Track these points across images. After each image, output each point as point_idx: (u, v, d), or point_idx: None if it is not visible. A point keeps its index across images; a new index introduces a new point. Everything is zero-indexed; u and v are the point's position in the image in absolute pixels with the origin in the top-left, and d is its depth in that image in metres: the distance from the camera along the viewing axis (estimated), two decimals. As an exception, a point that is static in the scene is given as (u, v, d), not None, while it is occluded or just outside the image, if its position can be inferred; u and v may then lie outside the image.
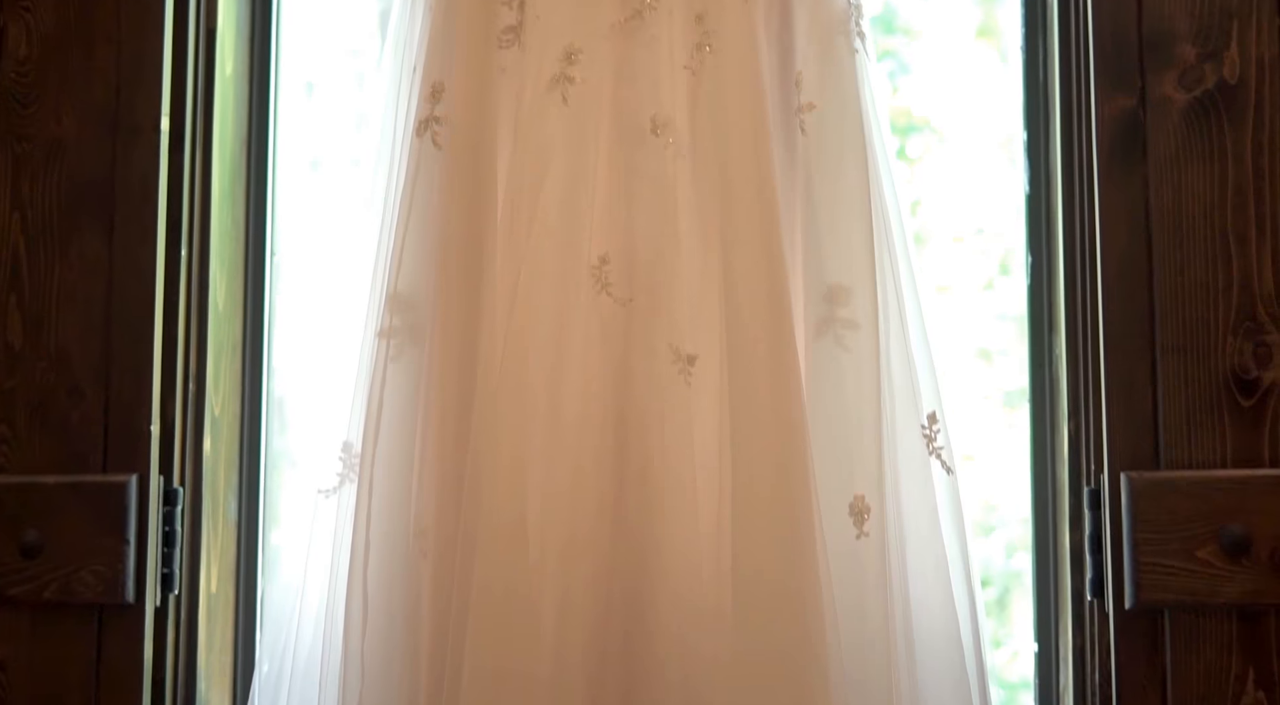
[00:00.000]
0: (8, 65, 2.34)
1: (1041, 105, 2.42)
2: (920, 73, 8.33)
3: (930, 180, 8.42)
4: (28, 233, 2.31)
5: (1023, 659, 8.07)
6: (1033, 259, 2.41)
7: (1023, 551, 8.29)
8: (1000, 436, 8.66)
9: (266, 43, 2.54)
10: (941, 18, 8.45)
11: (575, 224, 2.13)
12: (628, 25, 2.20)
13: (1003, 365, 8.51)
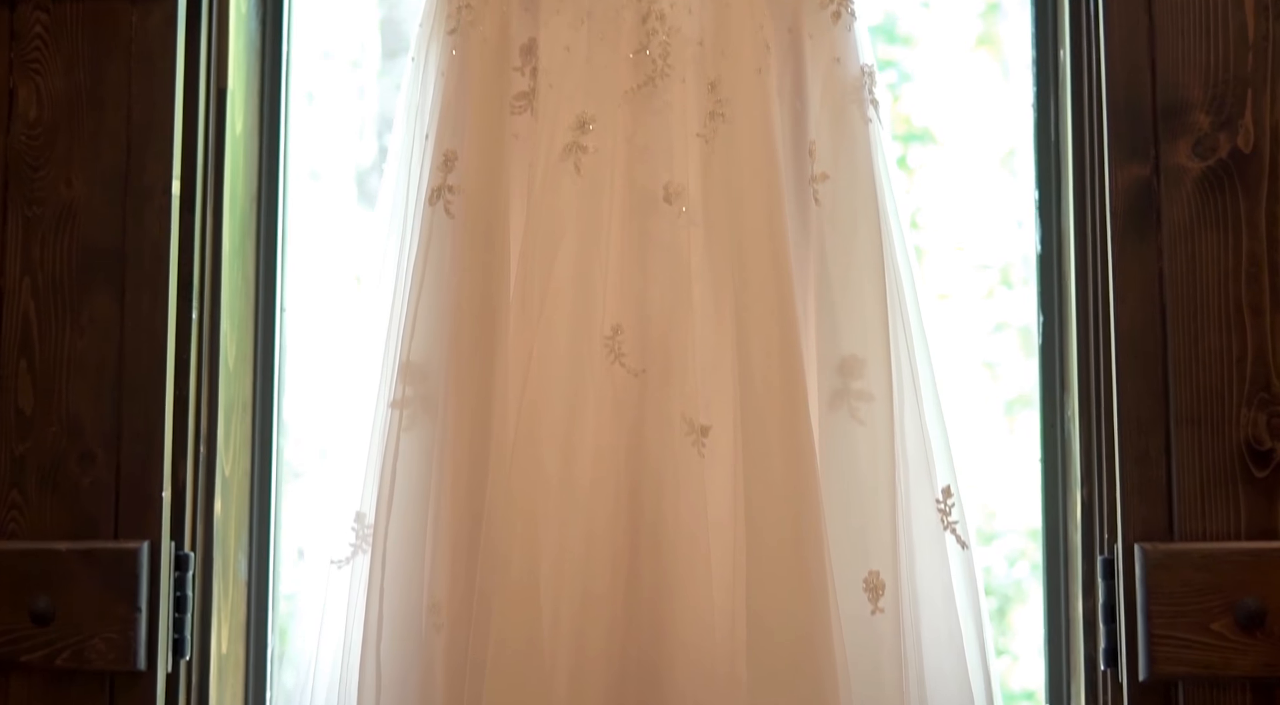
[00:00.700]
0: (18, 128, 2.33)
1: (1053, 165, 2.41)
2: (921, 81, 8.30)
3: (930, 190, 8.40)
4: (38, 297, 2.30)
5: (1023, 664, 8.06)
6: (1044, 318, 2.41)
7: (1023, 561, 8.27)
8: (1000, 442, 8.63)
9: (276, 101, 2.53)
10: (942, 27, 8.43)
11: (588, 294, 2.13)
12: (640, 92, 2.20)
13: (1003, 373, 8.50)
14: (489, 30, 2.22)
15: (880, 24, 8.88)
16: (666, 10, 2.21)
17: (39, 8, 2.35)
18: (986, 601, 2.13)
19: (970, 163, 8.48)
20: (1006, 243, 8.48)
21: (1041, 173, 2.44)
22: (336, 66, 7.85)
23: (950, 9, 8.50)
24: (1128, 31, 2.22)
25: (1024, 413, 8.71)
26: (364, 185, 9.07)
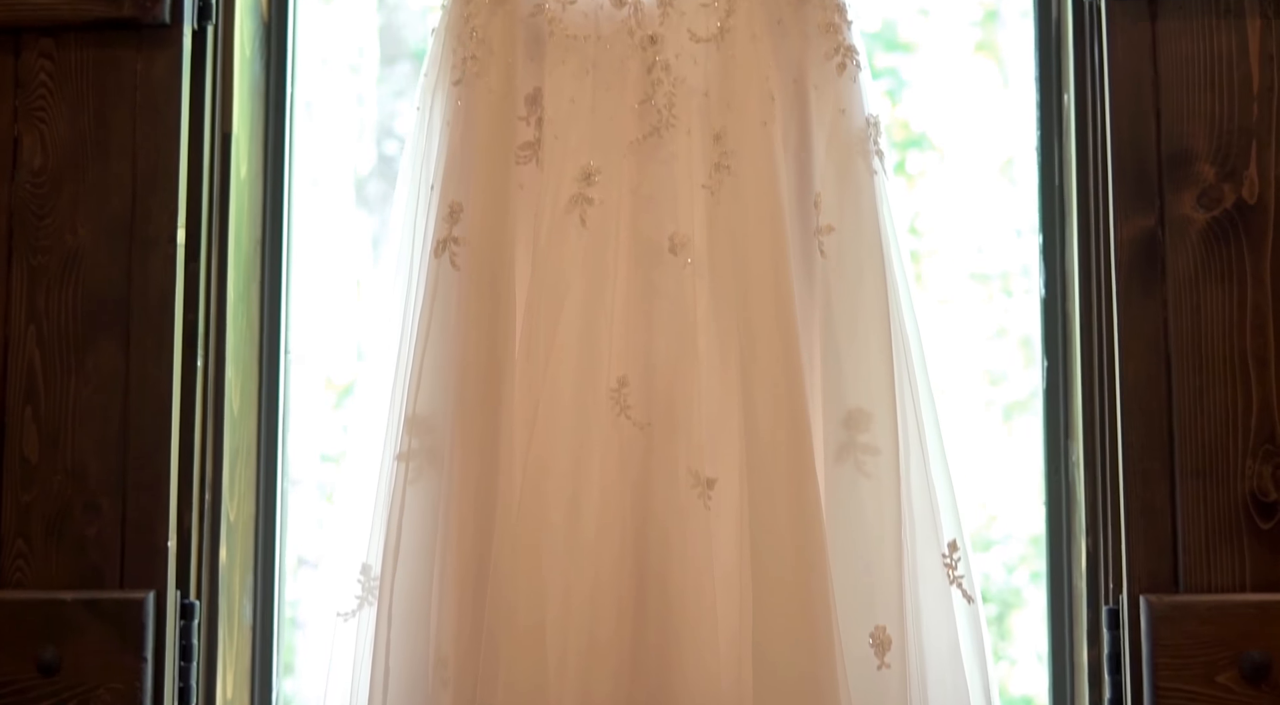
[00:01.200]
0: (23, 176, 2.33)
1: (1057, 208, 2.41)
2: (919, 87, 8.29)
3: (929, 196, 8.41)
4: (44, 345, 2.30)
5: (1021, 669, 8.07)
6: (1048, 363, 2.41)
7: (1021, 568, 8.28)
8: (999, 447, 8.64)
9: (280, 142, 2.53)
10: (940, 34, 8.42)
11: (594, 347, 2.13)
12: (646, 143, 2.20)
13: (1002, 379, 8.51)
14: (494, 81, 2.22)
15: (879, 31, 8.85)
16: (671, 61, 2.22)
17: (43, 55, 2.35)
18: (992, 662, 2.14)
19: (969, 169, 8.48)
20: (1007, 250, 8.47)
21: (1045, 216, 2.44)
22: (335, 72, 7.82)
23: (949, 16, 8.50)
24: (1132, 81, 2.22)
25: (1022, 418, 8.68)
26: (362, 191, 9.04)
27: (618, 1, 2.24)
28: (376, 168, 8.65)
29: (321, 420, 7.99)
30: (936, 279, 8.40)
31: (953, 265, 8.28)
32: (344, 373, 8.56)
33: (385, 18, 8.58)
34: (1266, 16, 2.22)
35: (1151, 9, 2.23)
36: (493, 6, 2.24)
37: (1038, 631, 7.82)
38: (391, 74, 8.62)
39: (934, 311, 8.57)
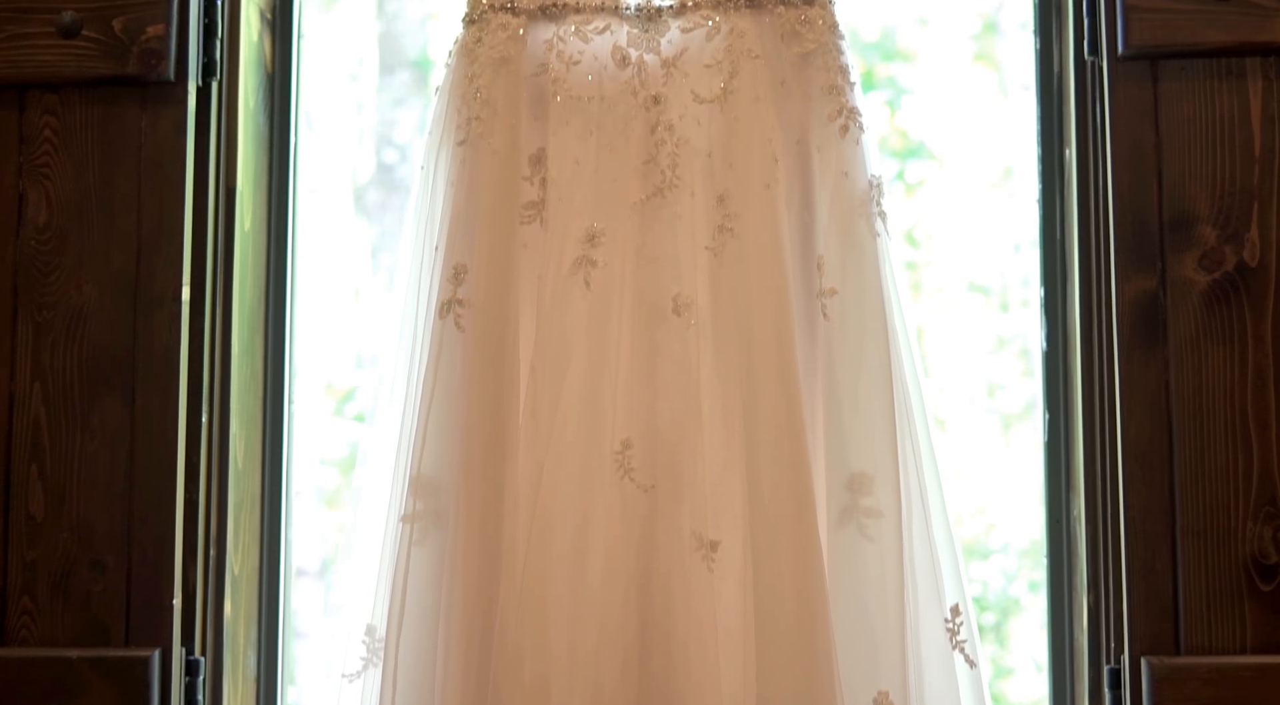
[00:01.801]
0: (28, 233, 2.33)
1: (1059, 262, 2.42)
2: (918, 96, 8.28)
3: (927, 205, 8.39)
4: (49, 402, 2.31)
5: (1019, 677, 8.07)
6: (1049, 416, 2.42)
7: (1020, 580, 8.28)
8: (997, 456, 8.63)
9: (284, 194, 2.54)
10: (939, 42, 8.42)
11: (598, 409, 2.14)
12: (649, 203, 2.21)
13: (1000, 390, 8.50)
14: (498, 142, 2.23)
15: (878, 40, 8.86)
16: (675, 121, 2.22)
17: (48, 111, 2.35)
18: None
19: (968, 178, 8.47)
20: (1005, 261, 8.46)
21: (1046, 269, 2.45)
22: (334, 81, 7.82)
23: (947, 26, 8.50)
24: (1134, 143, 2.23)
25: (1019, 426, 8.68)
26: (361, 199, 9.04)
27: (621, 62, 2.25)
28: (376, 176, 8.66)
29: (321, 426, 7.99)
30: (934, 288, 8.41)
31: (951, 275, 8.28)
32: (344, 378, 8.57)
33: (385, 26, 8.57)
34: (1268, 78, 2.22)
35: (1153, 71, 2.24)
36: (496, 67, 2.25)
37: (1034, 638, 7.84)
38: (391, 82, 8.62)
39: (932, 320, 8.59)
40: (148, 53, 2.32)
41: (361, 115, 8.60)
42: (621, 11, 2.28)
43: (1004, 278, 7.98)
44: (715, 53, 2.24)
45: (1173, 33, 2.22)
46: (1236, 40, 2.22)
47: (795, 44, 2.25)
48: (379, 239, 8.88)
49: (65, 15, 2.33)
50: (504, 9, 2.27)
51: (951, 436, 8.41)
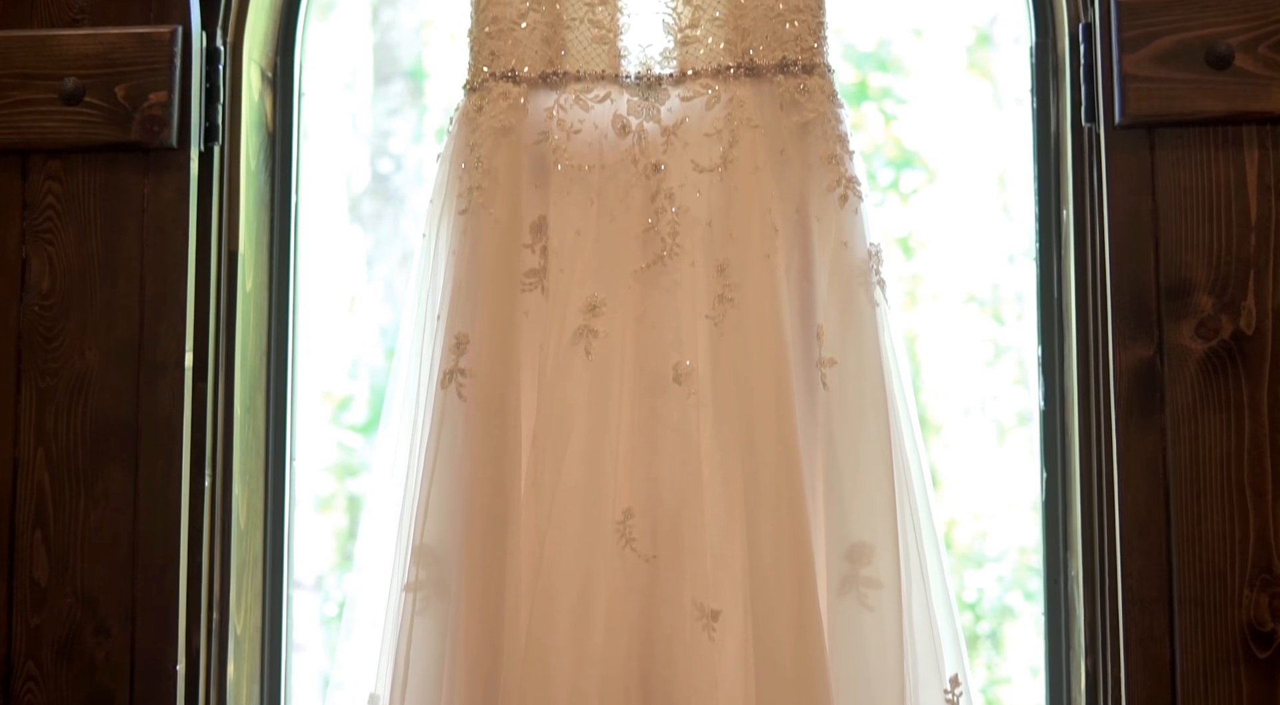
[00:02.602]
0: (31, 298, 2.35)
1: (1056, 321, 2.43)
2: (913, 105, 8.27)
3: (922, 214, 8.36)
4: (53, 468, 2.32)
5: (1015, 686, 8.07)
6: (1047, 475, 2.43)
7: (1016, 589, 8.29)
8: (992, 465, 8.63)
9: (285, 253, 2.55)
10: (934, 53, 8.38)
11: (599, 479, 2.16)
12: (649, 271, 2.23)
13: (994, 397, 8.47)
14: (499, 211, 2.24)
15: (873, 51, 8.83)
16: (675, 190, 2.24)
17: (51, 177, 2.36)
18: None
19: (961, 186, 8.45)
20: (999, 271, 8.45)
21: (1044, 327, 2.46)
22: (328, 90, 7.80)
23: (942, 36, 8.48)
24: (1132, 211, 2.25)
25: (1015, 434, 8.67)
26: (356, 208, 8.99)
27: (621, 130, 2.26)
28: (371, 186, 8.66)
29: (318, 432, 8.01)
30: (929, 297, 8.43)
31: (945, 284, 8.30)
32: (339, 386, 8.58)
33: (379, 36, 8.58)
34: (1264, 147, 2.24)
35: (1150, 139, 2.25)
36: (498, 136, 2.26)
37: (1029, 646, 7.84)
38: (385, 92, 8.63)
39: (927, 329, 8.60)
40: (150, 120, 2.33)
41: (356, 124, 8.60)
42: (622, 80, 2.29)
43: (998, 290, 8.01)
44: (715, 121, 2.26)
45: (1170, 102, 2.24)
46: (1232, 110, 2.23)
47: (794, 113, 2.26)
48: (374, 248, 8.88)
49: (68, 82, 2.34)
50: (505, 77, 2.29)
51: (946, 443, 8.44)
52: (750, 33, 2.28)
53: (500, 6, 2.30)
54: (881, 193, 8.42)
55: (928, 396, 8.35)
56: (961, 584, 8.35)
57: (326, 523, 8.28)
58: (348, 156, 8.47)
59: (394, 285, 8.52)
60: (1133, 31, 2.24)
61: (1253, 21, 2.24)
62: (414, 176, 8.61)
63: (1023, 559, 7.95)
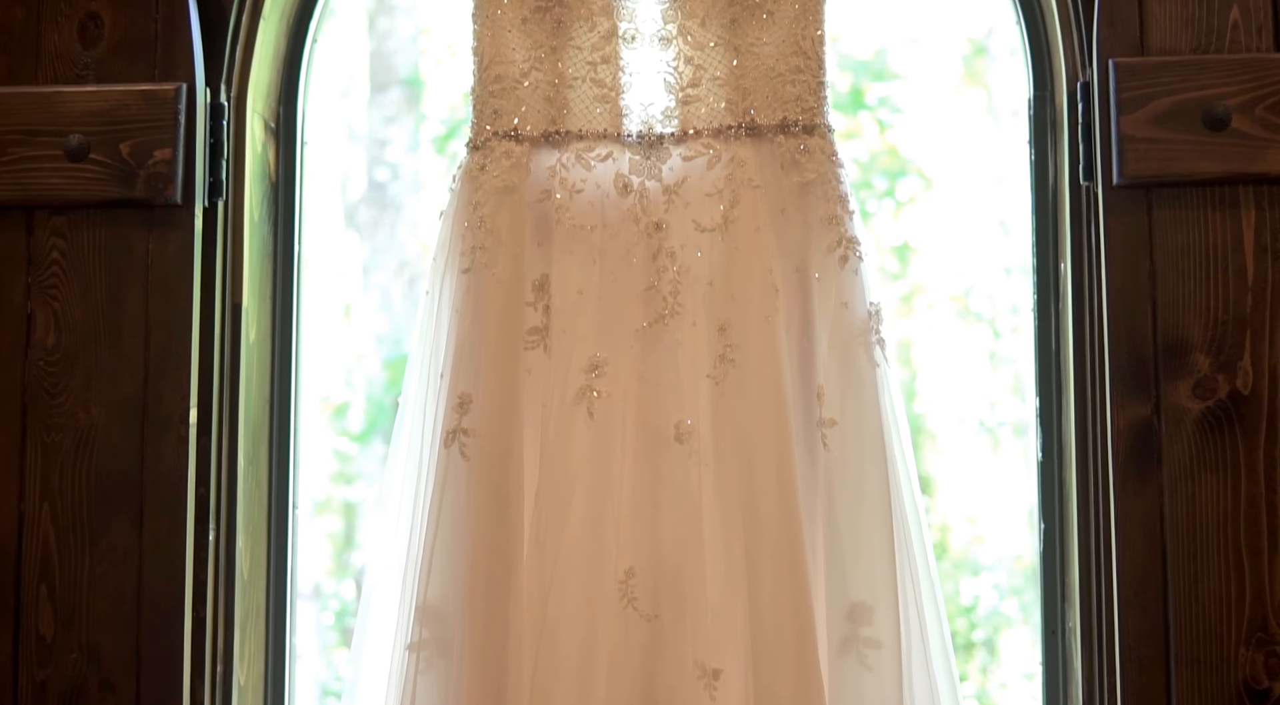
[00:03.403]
0: (36, 354, 2.36)
1: (1054, 376, 2.45)
2: (909, 114, 8.26)
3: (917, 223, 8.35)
4: (58, 524, 2.33)
5: (1011, 691, 8.10)
6: (1045, 526, 2.45)
7: (1011, 597, 8.33)
8: (987, 469, 8.65)
9: (289, 303, 2.56)
10: (930, 62, 8.39)
11: (601, 538, 2.18)
12: (651, 330, 2.24)
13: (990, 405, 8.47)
14: (502, 271, 2.26)
15: (869, 60, 8.82)
16: (677, 249, 2.25)
17: (55, 233, 2.37)
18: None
19: (957, 197, 8.45)
20: (995, 282, 8.44)
21: (1042, 380, 2.47)
22: (325, 98, 7.81)
23: (938, 46, 8.47)
24: (1129, 271, 2.26)
25: (1008, 444, 8.67)
26: (353, 216, 8.97)
27: (623, 189, 2.28)
28: (367, 194, 8.66)
29: (316, 439, 8.03)
30: (924, 306, 8.45)
31: (940, 292, 8.32)
32: (337, 393, 8.58)
33: (376, 44, 8.58)
34: (1261, 208, 2.26)
35: (1148, 199, 2.27)
36: (500, 195, 2.28)
37: (1024, 652, 7.84)
38: (382, 100, 8.63)
39: (922, 336, 8.61)
40: (155, 177, 2.34)
41: (353, 132, 8.60)
42: (624, 138, 2.31)
43: (994, 302, 8.02)
44: (716, 181, 2.27)
45: (1167, 163, 2.25)
46: (1229, 171, 2.25)
47: (795, 173, 2.28)
48: (370, 256, 8.88)
49: (73, 138, 2.35)
50: (508, 136, 2.30)
51: (940, 450, 8.46)
52: (751, 92, 2.29)
53: (503, 65, 2.32)
54: (878, 200, 8.44)
55: (923, 404, 8.38)
56: (957, 590, 8.39)
57: (322, 525, 8.29)
58: (344, 164, 8.47)
59: (390, 293, 8.53)
60: (1131, 92, 2.26)
61: (1249, 83, 2.25)
62: (410, 184, 8.61)
63: (1018, 566, 7.99)
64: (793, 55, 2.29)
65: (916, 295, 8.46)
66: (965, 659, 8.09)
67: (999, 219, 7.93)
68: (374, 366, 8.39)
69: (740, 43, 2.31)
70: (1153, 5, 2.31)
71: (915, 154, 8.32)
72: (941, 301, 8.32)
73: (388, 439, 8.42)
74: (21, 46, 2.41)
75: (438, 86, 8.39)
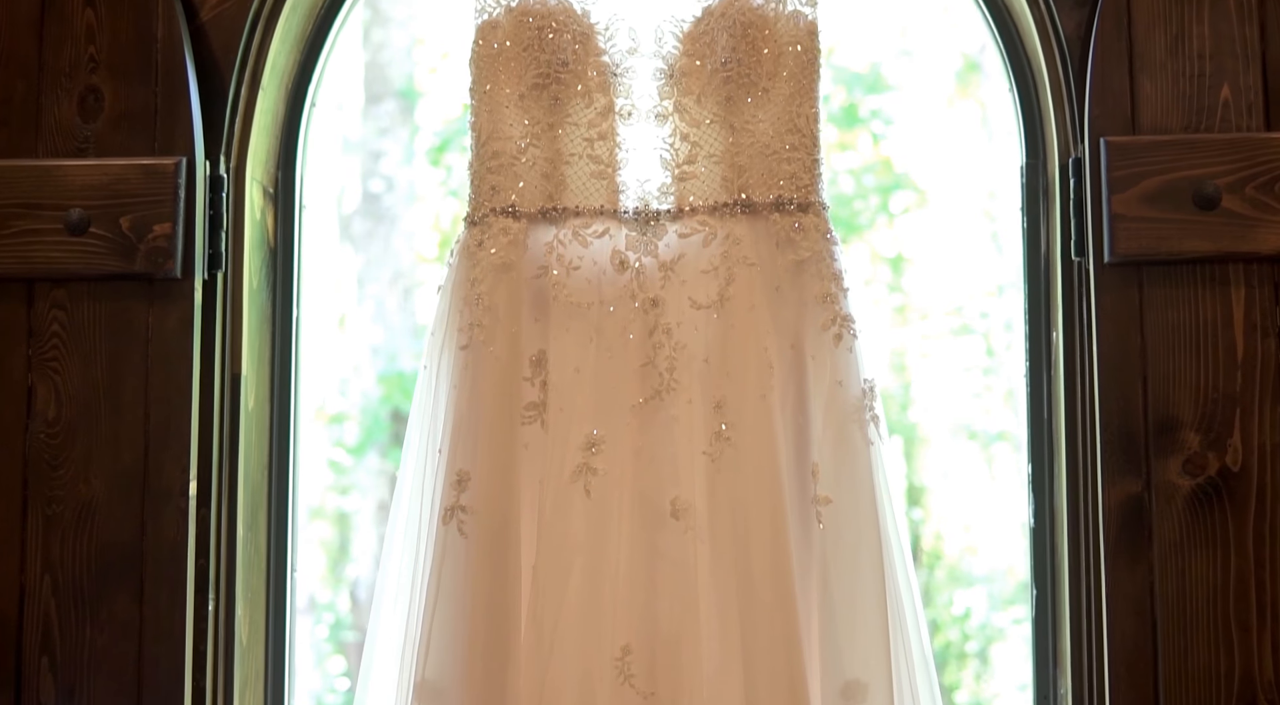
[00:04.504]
0: (37, 426, 2.38)
1: (1046, 444, 2.47)
2: (902, 126, 8.27)
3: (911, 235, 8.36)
4: (59, 595, 2.35)
5: (1004, 701, 8.11)
6: (1037, 592, 2.47)
7: (1002, 609, 8.35)
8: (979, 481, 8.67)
9: (287, 367, 2.58)
10: (923, 75, 8.39)
11: (598, 616, 2.20)
12: (647, 406, 2.26)
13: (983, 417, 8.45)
14: (500, 349, 2.28)
15: (864, 73, 8.82)
16: (673, 326, 2.28)
17: (56, 306, 2.39)
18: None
19: (951, 212, 8.45)
20: (988, 300, 8.45)
21: (1034, 447, 2.50)
22: (321, 110, 7.80)
23: (931, 59, 8.47)
24: (1120, 348, 2.29)
25: (1002, 449, 8.67)
26: (348, 228, 8.96)
27: (620, 266, 2.30)
28: (362, 205, 8.67)
29: (312, 447, 8.04)
30: (918, 316, 8.47)
31: (933, 303, 8.34)
32: (331, 403, 8.59)
33: (371, 55, 8.58)
34: (1250, 286, 2.28)
35: (1139, 277, 2.29)
36: (498, 272, 2.30)
37: (1017, 667, 7.87)
38: (377, 111, 8.63)
39: (916, 347, 8.62)
40: (155, 251, 2.36)
41: (348, 144, 8.61)
42: (620, 215, 2.33)
43: (988, 319, 8.04)
44: (712, 259, 2.29)
45: (1158, 242, 2.28)
46: (1220, 250, 2.27)
47: (790, 251, 2.30)
48: (365, 268, 8.88)
49: (74, 212, 2.37)
50: (505, 213, 2.32)
51: (933, 460, 8.47)
52: (746, 170, 2.32)
53: (501, 141, 2.34)
54: (872, 213, 8.44)
55: (917, 413, 8.40)
56: (950, 601, 8.41)
57: (316, 532, 8.31)
58: (339, 176, 8.48)
59: (385, 305, 8.54)
60: (1122, 171, 2.28)
61: (1240, 163, 2.28)
62: (405, 196, 8.61)
63: (1011, 578, 8.01)
64: (788, 133, 2.31)
65: (910, 308, 8.48)
66: (959, 667, 8.12)
67: (992, 233, 7.95)
68: (369, 379, 8.40)
69: (736, 120, 2.33)
70: (1144, 82, 2.33)
71: (909, 166, 8.33)
72: (935, 314, 8.34)
73: (382, 452, 8.42)
74: (22, 119, 2.42)
75: (433, 97, 8.40)
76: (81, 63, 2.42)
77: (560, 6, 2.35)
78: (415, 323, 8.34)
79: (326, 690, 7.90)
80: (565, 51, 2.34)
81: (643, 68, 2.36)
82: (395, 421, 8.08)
